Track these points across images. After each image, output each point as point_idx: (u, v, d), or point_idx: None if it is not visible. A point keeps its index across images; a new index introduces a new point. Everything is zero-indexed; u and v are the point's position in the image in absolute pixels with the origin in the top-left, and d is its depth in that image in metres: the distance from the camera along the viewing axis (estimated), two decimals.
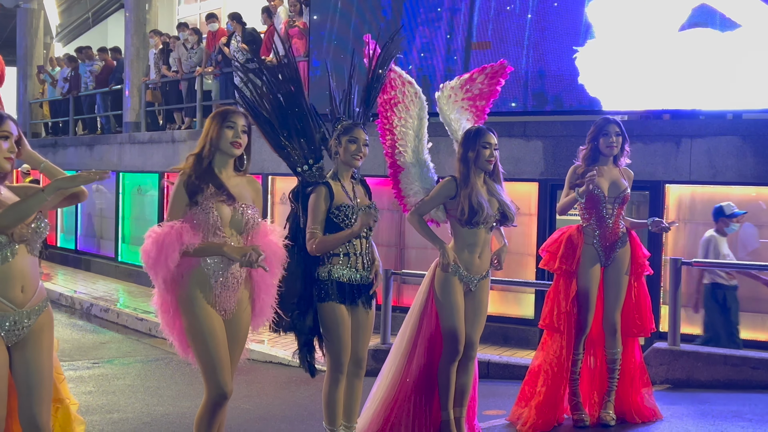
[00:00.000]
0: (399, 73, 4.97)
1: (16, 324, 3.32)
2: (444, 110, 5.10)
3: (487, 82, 5.30)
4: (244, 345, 3.99)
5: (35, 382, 3.37)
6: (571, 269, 5.28)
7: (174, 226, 3.71)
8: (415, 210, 4.76)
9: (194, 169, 3.83)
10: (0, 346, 3.31)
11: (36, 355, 3.38)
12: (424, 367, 4.75)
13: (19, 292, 3.32)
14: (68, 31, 21.40)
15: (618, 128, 5.24)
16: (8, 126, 3.33)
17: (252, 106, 4.48)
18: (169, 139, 13.24)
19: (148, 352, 8.61)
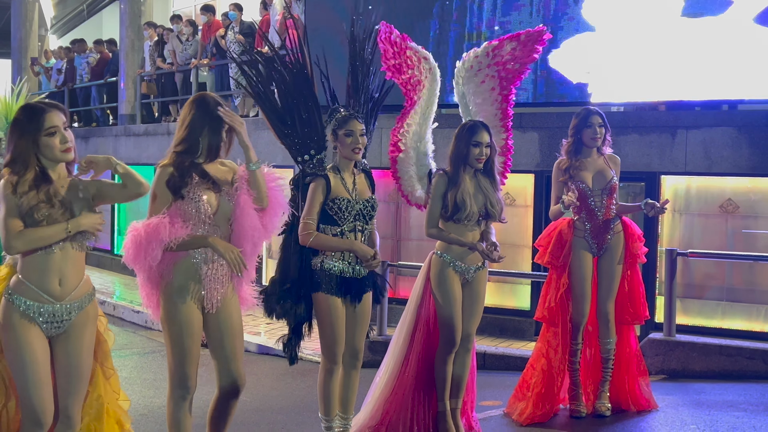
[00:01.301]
0: (415, 49, 4.91)
1: (54, 316, 3.36)
2: (460, 84, 5.01)
3: (521, 48, 5.09)
4: (241, 335, 3.97)
5: (73, 375, 3.43)
6: (559, 263, 5.30)
7: (152, 222, 3.66)
8: (427, 224, 4.71)
9: (177, 166, 3.73)
10: (40, 336, 3.36)
11: (76, 349, 3.42)
12: (422, 359, 4.76)
13: (56, 285, 3.35)
14: (63, 23, 21.31)
15: (600, 119, 5.25)
16: (52, 119, 3.33)
17: (258, 94, 4.46)
18: (164, 131, 13.21)
19: (144, 345, 8.61)
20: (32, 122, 3.33)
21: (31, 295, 3.34)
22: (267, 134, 10.34)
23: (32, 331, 3.34)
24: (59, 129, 3.35)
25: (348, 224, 4.34)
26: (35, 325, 3.34)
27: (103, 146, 14.92)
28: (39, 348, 3.35)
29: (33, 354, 3.32)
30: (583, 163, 5.25)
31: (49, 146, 3.34)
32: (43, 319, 3.35)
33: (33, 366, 3.32)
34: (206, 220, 3.73)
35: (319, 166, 4.42)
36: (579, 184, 5.22)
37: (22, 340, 3.31)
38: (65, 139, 3.36)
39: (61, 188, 3.41)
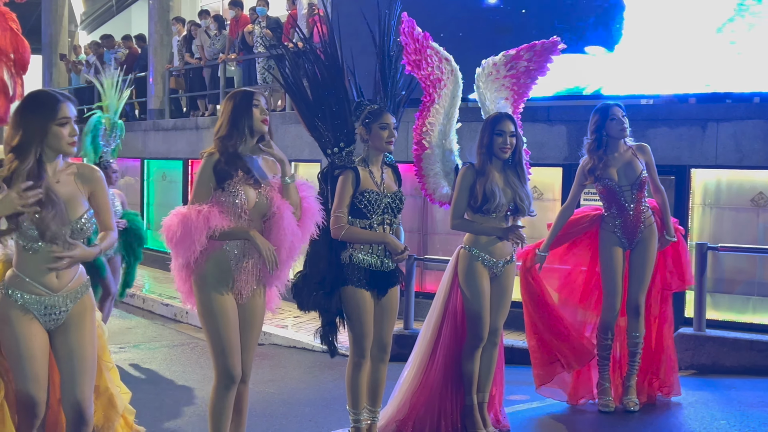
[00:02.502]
0: (436, 50, 4.92)
1: (51, 308, 3.37)
2: (481, 88, 5.03)
3: (536, 59, 5.17)
4: (260, 329, 4.01)
5: (78, 366, 3.42)
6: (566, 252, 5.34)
7: (202, 209, 3.71)
8: (453, 215, 4.69)
9: (222, 152, 3.81)
10: (39, 330, 3.37)
11: (78, 339, 3.42)
12: (449, 353, 4.76)
13: (53, 277, 3.36)
14: (92, 19, 21.53)
15: (621, 110, 5.20)
16: (66, 111, 3.31)
17: (290, 85, 4.49)
18: (192, 125, 13.31)
19: (173, 337, 8.69)
20: (46, 109, 3.29)
21: (28, 289, 3.34)
22: (294, 128, 10.38)
23: (30, 325, 3.34)
24: (70, 121, 3.33)
25: (377, 217, 4.35)
26: (34, 318, 3.35)
27: (132, 141, 15.04)
28: (36, 342, 3.35)
29: (30, 348, 3.33)
30: (609, 160, 5.20)
31: (58, 136, 3.29)
32: (41, 311, 3.36)
33: (30, 360, 3.33)
34: (242, 214, 3.78)
35: (348, 159, 4.44)
36: (606, 182, 5.17)
37: (19, 333, 3.32)
38: (74, 132, 3.34)
39: (56, 183, 3.36)
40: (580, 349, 5.24)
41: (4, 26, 3.73)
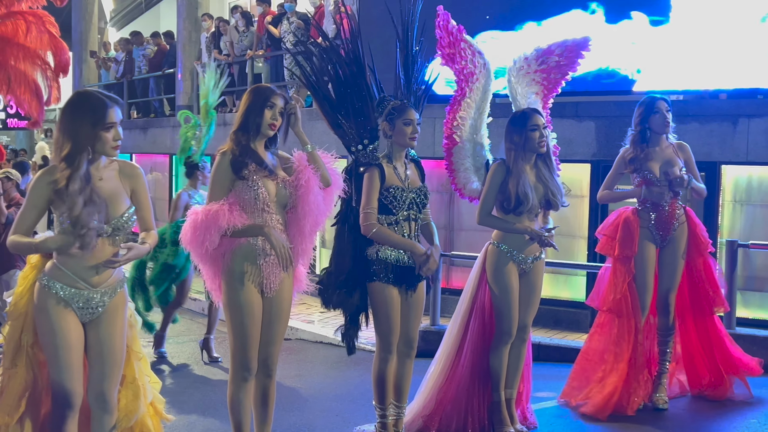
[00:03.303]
0: (469, 43, 4.91)
1: (88, 302, 3.43)
2: (512, 83, 5.02)
3: (566, 55, 5.16)
4: (287, 322, 4.06)
5: (108, 359, 3.48)
6: (632, 254, 5.21)
7: (212, 208, 3.75)
8: (481, 211, 4.68)
9: (236, 145, 3.86)
10: (75, 322, 3.42)
11: (110, 333, 3.48)
12: (476, 349, 4.75)
13: (94, 273, 3.43)
14: (121, 16, 21.71)
15: (666, 104, 5.15)
16: (113, 116, 3.37)
17: (312, 83, 4.51)
18: (220, 122, 13.35)
19: (201, 332, 8.72)
20: (95, 115, 3.35)
21: (68, 281, 3.39)
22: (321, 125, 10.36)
23: (67, 316, 3.40)
24: (116, 125, 3.39)
25: (402, 213, 4.35)
26: (71, 310, 3.41)
27: (160, 137, 15.17)
28: (73, 333, 3.41)
29: (66, 339, 3.38)
30: (650, 153, 5.16)
31: (104, 141, 3.36)
32: (78, 305, 3.41)
33: (66, 351, 3.38)
34: (264, 207, 3.82)
35: (372, 156, 4.44)
36: (646, 174, 5.14)
37: (56, 325, 3.37)
38: (118, 136, 3.40)
39: (99, 181, 3.42)
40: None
41: (41, 29, 3.78)
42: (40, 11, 3.87)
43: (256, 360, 3.92)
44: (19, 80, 3.69)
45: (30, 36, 3.72)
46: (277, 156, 4.01)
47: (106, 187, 3.43)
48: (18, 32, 3.68)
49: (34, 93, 3.78)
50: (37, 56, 3.75)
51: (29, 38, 3.72)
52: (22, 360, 3.46)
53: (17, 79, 3.68)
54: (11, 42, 3.65)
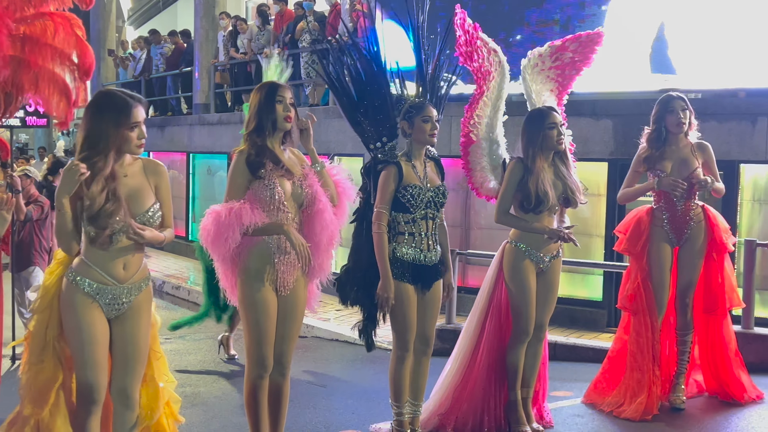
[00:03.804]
0: (485, 41, 4.91)
1: (115, 298, 3.45)
2: (527, 80, 5.01)
3: (580, 50, 5.16)
4: (301, 320, 4.08)
5: (131, 356, 3.51)
6: (636, 250, 5.21)
7: (233, 206, 3.78)
8: (498, 209, 4.67)
9: (252, 146, 3.89)
10: (101, 318, 3.45)
11: (134, 330, 3.51)
12: (493, 348, 4.74)
13: (120, 269, 3.45)
14: (139, 15, 21.86)
15: (683, 103, 5.09)
16: (137, 115, 3.41)
17: (334, 80, 4.52)
18: (237, 120, 13.40)
19: (217, 329, 8.76)
20: (119, 114, 3.38)
21: (95, 277, 3.42)
22: (337, 123, 10.41)
23: (93, 312, 3.42)
24: (140, 124, 3.43)
25: (419, 211, 4.35)
26: (97, 306, 3.43)
27: (178, 135, 15.24)
28: (99, 328, 3.43)
29: (92, 334, 3.41)
30: (665, 152, 5.12)
31: (128, 140, 3.40)
32: (105, 300, 3.44)
33: (91, 346, 3.41)
34: (279, 205, 3.84)
35: (391, 154, 4.44)
36: (658, 172, 5.11)
37: (83, 320, 3.40)
38: (142, 135, 3.44)
39: (123, 177, 3.45)
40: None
41: (69, 32, 3.81)
42: (68, 13, 3.90)
43: (272, 357, 3.94)
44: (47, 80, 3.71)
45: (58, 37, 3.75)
46: (294, 154, 4.03)
47: (131, 184, 3.46)
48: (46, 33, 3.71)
49: (63, 93, 3.80)
50: (66, 57, 3.78)
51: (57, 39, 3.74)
52: (48, 354, 3.49)
53: (45, 78, 3.71)
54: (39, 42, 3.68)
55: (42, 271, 7.25)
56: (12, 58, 3.60)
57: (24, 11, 3.65)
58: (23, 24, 3.66)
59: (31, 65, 3.67)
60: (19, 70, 3.63)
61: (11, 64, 3.60)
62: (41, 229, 7.32)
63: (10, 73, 3.60)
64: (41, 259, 7.29)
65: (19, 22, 3.65)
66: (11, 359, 6.85)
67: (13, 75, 3.61)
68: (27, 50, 3.65)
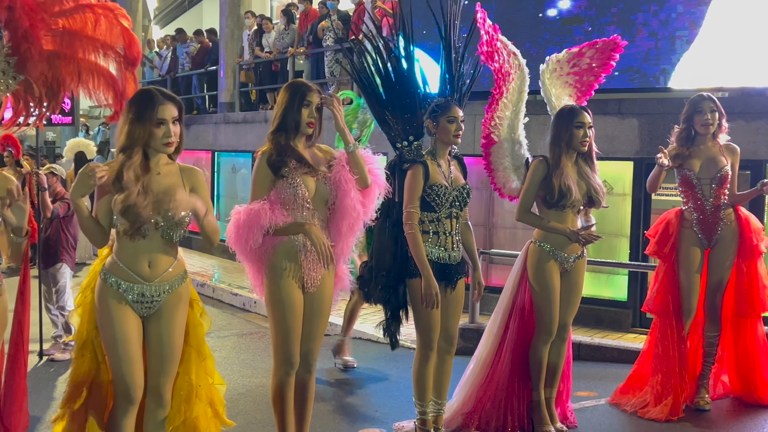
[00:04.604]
0: (505, 43, 4.91)
1: (144, 296, 3.48)
2: (546, 84, 5.01)
3: (598, 57, 5.15)
4: (327, 318, 4.09)
5: (165, 355, 3.52)
6: (665, 253, 5.17)
7: (253, 208, 3.80)
8: (520, 208, 4.67)
9: (275, 146, 3.90)
10: (133, 316, 3.48)
11: (167, 329, 3.52)
12: (516, 347, 4.74)
13: (146, 267, 3.47)
14: (165, 14, 21.99)
15: (713, 104, 5.07)
16: (163, 112, 3.42)
17: (362, 79, 4.52)
18: (262, 119, 13.47)
19: (242, 326, 8.83)
20: (145, 111, 3.41)
21: (124, 275, 3.45)
22: None
23: (125, 310, 3.45)
24: (167, 122, 3.43)
25: (444, 210, 4.35)
26: (128, 304, 3.46)
27: (203, 134, 15.33)
28: (131, 327, 3.46)
29: (125, 332, 3.43)
30: (693, 151, 5.11)
31: (155, 137, 3.43)
32: (133, 298, 3.46)
33: (125, 344, 3.43)
34: (304, 204, 3.85)
35: (417, 153, 4.45)
36: (685, 171, 5.08)
37: (115, 318, 3.43)
38: (168, 133, 3.43)
39: (157, 175, 3.48)
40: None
41: (113, 22, 3.83)
42: (111, 3, 3.91)
43: (298, 355, 3.96)
44: (91, 72, 3.73)
45: (99, 29, 3.76)
46: (320, 150, 4.03)
47: (165, 182, 3.48)
48: (87, 25, 3.73)
49: (110, 85, 3.82)
50: (109, 48, 3.79)
51: (98, 31, 3.76)
52: (88, 350, 3.54)
53: (88, 71, 3.73)
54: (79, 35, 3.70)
55: (69, 267, 7.32)
56: (50, 52, 3.62)
57: (63, 4, 3.68)
58: (62, 18, 3.69)
59: (72, 59, 3.69)
60: (58, 65, 3.66)
61: (49, 58, 3.62)
62: (68, 226, 7.38)
63: (48, 68, 3.63)
64: (68, 255, 7.36)
65: (58, 16, 3.67)
66: (38, 355, 6.93)
67: (52, 69, 3.64)
68: (66, 44, 3.67)
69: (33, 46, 3.54)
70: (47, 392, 5.79)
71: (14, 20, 3.48)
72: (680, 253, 5.18)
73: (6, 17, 3.50)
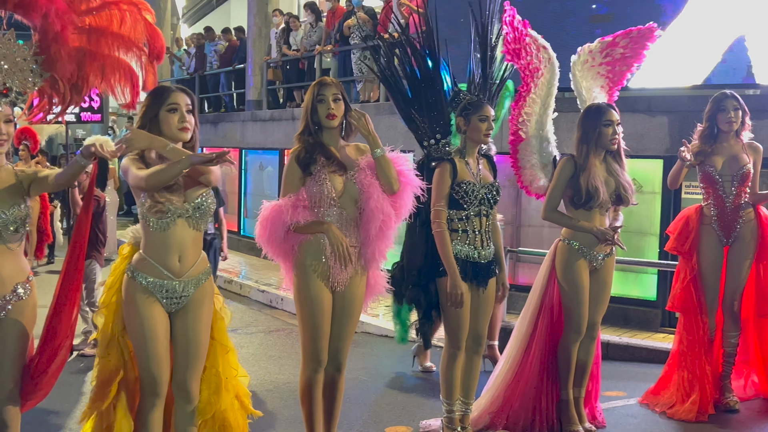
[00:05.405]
0: (534, 38, 4.88)
1: (173, 292, 3.51)
2: (577, 77, 4.97)
3: (631, 46, 5.11)
4: (357, 319, 4.08)
5: (191, 350, 3.55)
6: (684, 249, 5.14)
7: (278, 204, 3.84)
8: (547, 206, 4.64)
9: (304, 144, 3.93)
10: (161, 312, 3.51)
11: (194, 324, 3.55)
12: (545, 346, 4.71)
13: (176, 261, 3.50)
14: (193, 12, 22.14)
15: (736, 102, 5.03)
16: (176, 98, 3.49)
17: (387, 78, 4.52)
18: (289, 116, 13.52)
19: (269, 323, 8.87)
20: (158, 98, 3.51)
21: (153, 272, 3.48)
22: (388, 119, 10.41)
23: (153, 307, 3.48)
24: (180, 108, 3.49)
25: (473, 208, 4.33)
26: (156, 300, 3.48)
27: (231, 131, 15.41)
28: (159, 323, 3.49)
29: (153, 329, 3.46)
30: (716, 149, 5.08)
31: (167, 122, 3.48)
32: (162, 295, 3.49)
33: (153, 341, 3.46)
34: (331, 202, 3.85)
35: (445, 150, 4.44)
36: (707, 168, 5.05)
37: (143, 315, 3.46)
38: (183, 119, 3.49)
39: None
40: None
41: (136, 17, 3.86)
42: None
43: (326, 352, 3.97)
44: (114, 68, 3.78)
45: (125, 26, 3.81)
46: (357, 150, 4.01)
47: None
48: (112, 22, 3.78)
49: (129, 79, 3.87)
50: (132, 44, 3.83)
51: (124, 27, 3.80)
52: (113, 348, 3.56)
53: (112, 67, 3.78)
54: (105, 32, 3.74)
55: (98, 264, 7.39)
56: (77, 50, 3.67)
57: (90, 3, 3.72)
58: (89, 16, 3.73)
59: (97, 56, 3.73)
60: (84, 62, 3.71)
61: (76, 57, 3.67)
62: (97, 223, 7.45)
63: (75, 67, 3.67)
64: (97, 252, 7.43)
65: (85, 14, 3.71)
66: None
67: (79, 67, 3.69)
68: (92, 41, 3.72)
69: (62, 48, 3.59)
70: (77, 387, 5.86)
71: (47, 25, 3.53)
72: (700, 250, 5.16)
73: (40, 23, 3.55)
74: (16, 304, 3.43)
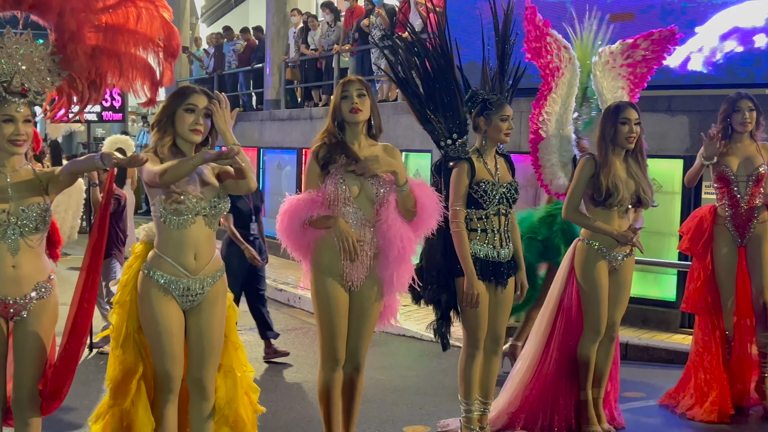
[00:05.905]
0: (555, 37, 4.88)
1: (189, 290, 3.52)
2: (598, 77, 4.96)
3: (652, 48, 5.10)
4: (375, 319, 4.07)
5: (206, 348, 3.57)
6: (698, 250, 5.12)
7: (296, 197, 3.88)
8: (567, 206, 4.63)
9: (325, 141, 3.94)
10: (176, 310, 3.53)
11: (209, 322, 3.57)
12: (564, 347, 4.70)
13: (191, 259, 3.51)
14: (212, 12, 22.22)
15: (751, 103, 5.01)
16: (196, 99, 3.52)
17: (401, 78, 4.52)
18: (307, 116, 13.54)
19: (287, 322, 8.89)
20: (179, 97, 3.55)
21: (169, 270, 3.49)
22: (405, 119, 10.41)
23: (169, 305, 3.50)
24: (197, 109, 3.51)
25: (492, 207, 4.32)
26: (172, 298, 3.50)
27: (249, 130, 15.45)
28: (174, 321, 3.51)
29: (168, 326, 3.49)
30: (731, 149, 5.06)
31: (182, 120, 3.51)
32: (179, 292, 3.51)
33: (167, 337, 3.49)
34: (347, 201, 3.86)
35: (462, 150, 4.43)
36: (722, 168, 5.04)
37: (159, 313, 3.48)
38: (197, 121, 3.51)
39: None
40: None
41: (153, 14, 3.88)
42: None
43: (344, 351, 3.97)
44: (131, 65, 3.81)
45: (141, 23, 3.84)
46: (386, 151, 4.00)
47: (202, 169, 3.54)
48: (129, 19, 3.80)
49: (147, 75, 3.90)
50: (149, 40, 3.86)
51: (140, 24, 3.83)
52: (129, 346, 3.58)
53: (129, 64, 3.80)
54: (122, 29, 3.77)
55: (119, 263, 7.43)
56: (94, 48, 3.69)
57: (106, 0, 3.74)
58: (105, 13, 3.75)
59: (114, 54, 3.76)
60: (101, 60, 3.73)
61: (93, 55, 3.69)
62: (118, 221, 7.49)
63: (93, 65, 3.70)
64: (118, 251, 7.47)
65: (101, 12, 3.74)
66: (88, 348, 7.05)
67: (96, 66, 3.71)
68: (109, 39, 3.74)
69: (79, 46, 3.61)
70: (96, 384, 5.89)
71: (62, 23, 3.56)
72: (714, 250, 5.14)
73: (56, 22, 3.57)
74: (38, 303, 3.45)
